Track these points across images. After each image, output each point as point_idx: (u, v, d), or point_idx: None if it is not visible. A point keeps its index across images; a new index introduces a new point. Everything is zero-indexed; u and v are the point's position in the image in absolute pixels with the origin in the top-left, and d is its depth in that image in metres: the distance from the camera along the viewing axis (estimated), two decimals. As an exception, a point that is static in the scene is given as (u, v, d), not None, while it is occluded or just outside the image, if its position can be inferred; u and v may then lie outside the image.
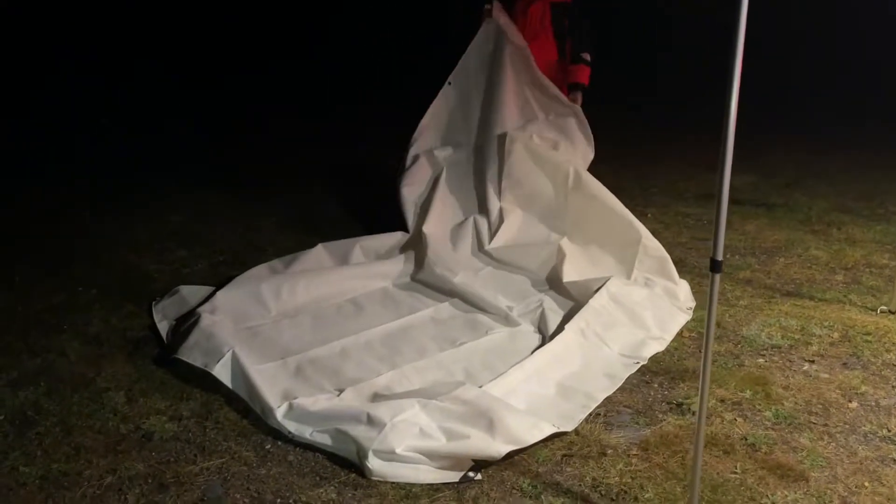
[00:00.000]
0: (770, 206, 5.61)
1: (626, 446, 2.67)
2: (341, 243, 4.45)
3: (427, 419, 2.61)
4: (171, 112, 8.54)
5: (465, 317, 3.71)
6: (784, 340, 3.46)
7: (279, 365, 3.19)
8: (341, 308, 3.84)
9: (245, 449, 2.66)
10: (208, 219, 5.28)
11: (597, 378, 3.10)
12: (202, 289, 3.98)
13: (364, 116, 8.51)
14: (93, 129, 7.81)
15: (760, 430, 2.75)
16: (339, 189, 5.99)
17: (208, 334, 3.26)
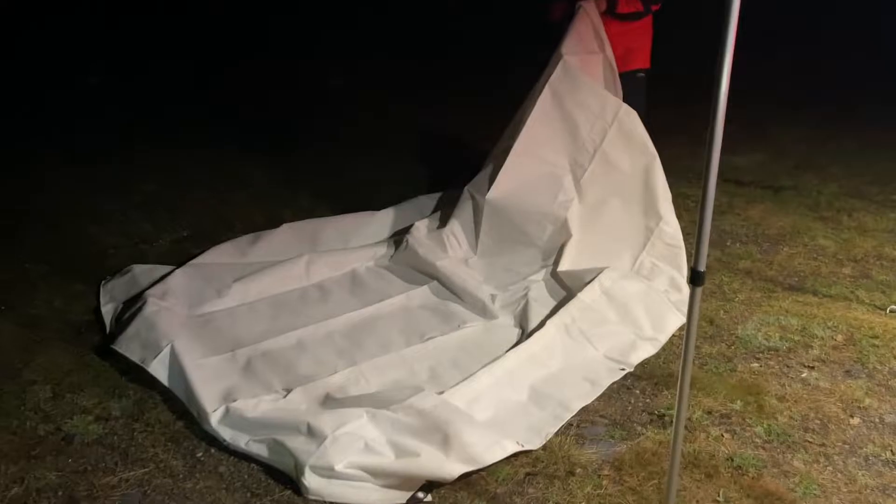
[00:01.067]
0: (777, 189, 5.25)
1: (598, 464, 2.40)
2: (309, 223, 4.16)
3: (375, 431, 2.34)
4: (160, 62, 8.19)
5: (439, 306, 3.42)
6: (782, 342, 3.16)
7: (227, 358, 2.92)
8: (305, 294, 3.56)
9: (173, 457, 2.40)
10: (179, 187, 4.99)
11: (576, 383, 2.80)
12: (157, 268, 3.70)
13: (369, 82, 8.15)
14: (75, 84, 7.50)
15: (749, 450, 2.47)
16: (327, 157, 5.68)
17: (150, 324, 2.99)
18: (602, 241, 3.67)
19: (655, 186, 3.59)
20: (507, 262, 3.77)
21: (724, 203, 4.89)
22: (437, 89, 7.87)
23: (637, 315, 3.19)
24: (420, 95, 7.64)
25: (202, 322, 3.22)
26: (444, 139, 6.34)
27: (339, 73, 8.31)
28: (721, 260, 4.03)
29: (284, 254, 3.93)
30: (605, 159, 3.70)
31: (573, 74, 3.77)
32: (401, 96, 7.56)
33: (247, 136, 6.13)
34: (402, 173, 5.40)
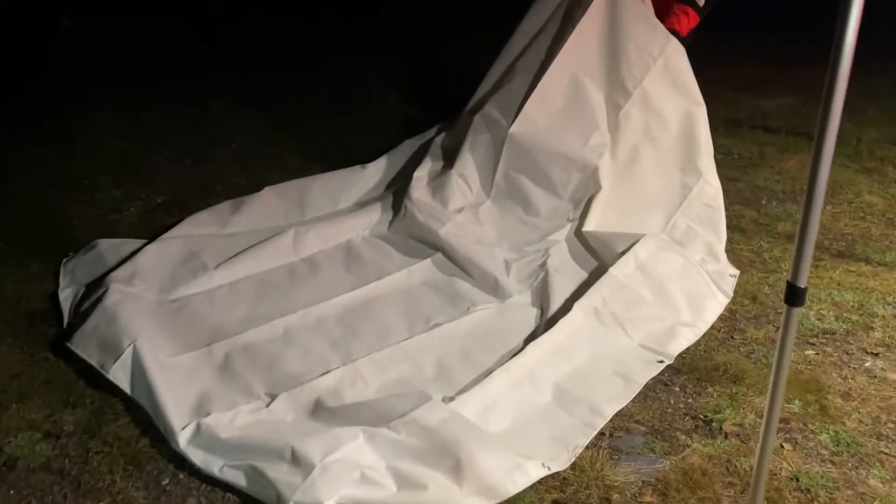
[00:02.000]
0: (812, 137, 4.75)
1: (638, 487, 2.02)
2: (293, 184, 3.71)
3: (373, 456, 1.95)
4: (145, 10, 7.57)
5: (444, 284, 2.99)
6: (839, 323, 2.76)
7: (202, 354, 2.52)
8: (294, 271, 3.13)
9: (134, 486, 2.02)
10: (154, 147, 4.50)
11: (607, 380, 2.40)
12: (126, 243, 3.27)
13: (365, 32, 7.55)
14: (48, 30, 6.91)
15: (816, 465, 2.09)
16: (313, 112, 5.17)
17: (110, 317, 2.58)
18: (632, 197, 3.24)
19: (698, 139, 3.14)
20: (523, 213, 3.35)
21: (754, 154, 4.44)
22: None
23: (674, 295, 2.76)
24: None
25: (175, 309, 2.81)
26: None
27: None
28: (758, 222, 3.60)
29: (269, 222, 3.50)
30: (645, 101, 3.25)
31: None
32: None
33: (227, 87, 5.61)
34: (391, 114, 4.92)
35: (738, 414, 2.28)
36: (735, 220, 3.51)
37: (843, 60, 1.21)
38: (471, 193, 3.44)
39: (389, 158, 4.00)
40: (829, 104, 1.23)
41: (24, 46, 6.45)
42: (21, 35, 6.67)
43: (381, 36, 7.07)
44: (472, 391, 2.23)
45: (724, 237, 3.14)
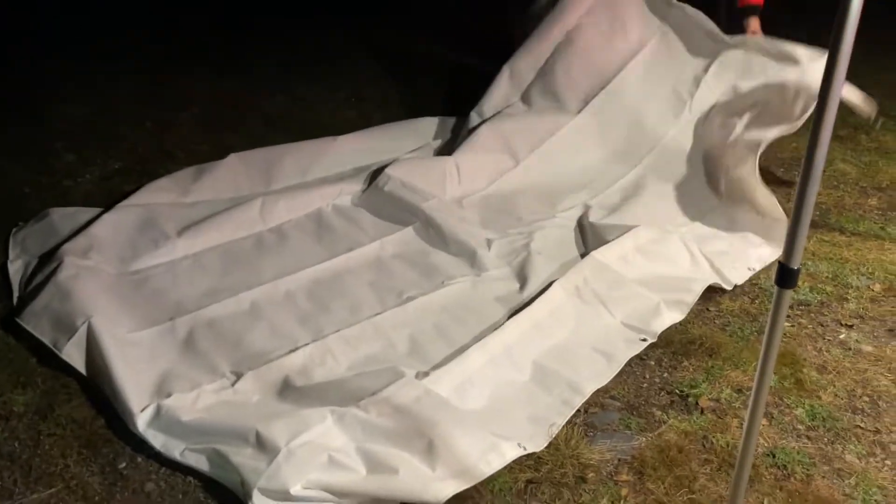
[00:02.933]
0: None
1: (614, 466, 1.98)
2: (260, 152, 3.57)
3: (342, 438, 1.87)
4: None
5: (418, 257, 2.89)
6: (814, 294, 2.73)
7: (164, 330, 2.41)
8: (261, 241, 3.01)
9: (89, 470, 1.92)
10: (112, 111, 4.31)
11: (588, 357, 2.32)
12: (81, 212, 3.12)
13: None
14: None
15: (792, 441, 2.06)
16: (280, 79, 4.98)
17: (64, 292, 2.44)
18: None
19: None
20: (510, 206, 3.30)
21: (729, 121, 4.37)
22: None
23: (662, 278, 2.68)
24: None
25: (137, 282, 2.68)
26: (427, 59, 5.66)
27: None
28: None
29: (233, 191, 3.36)
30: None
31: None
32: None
33: (189, 50, 5.38)
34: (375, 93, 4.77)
35: (714, 388, 2.24)
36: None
37: (843, 47, 1.12)
38: (458, 186, 3.35)
39: (363, 134, 3.88)
40: (826, 90, 1.15)
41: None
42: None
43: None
44: (448, 367, 2.16)
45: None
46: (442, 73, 5.12)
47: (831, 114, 1.19)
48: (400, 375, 2.08)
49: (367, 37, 5.91)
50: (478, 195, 3.33)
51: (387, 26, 6.15)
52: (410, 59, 5.47)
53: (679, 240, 2.87)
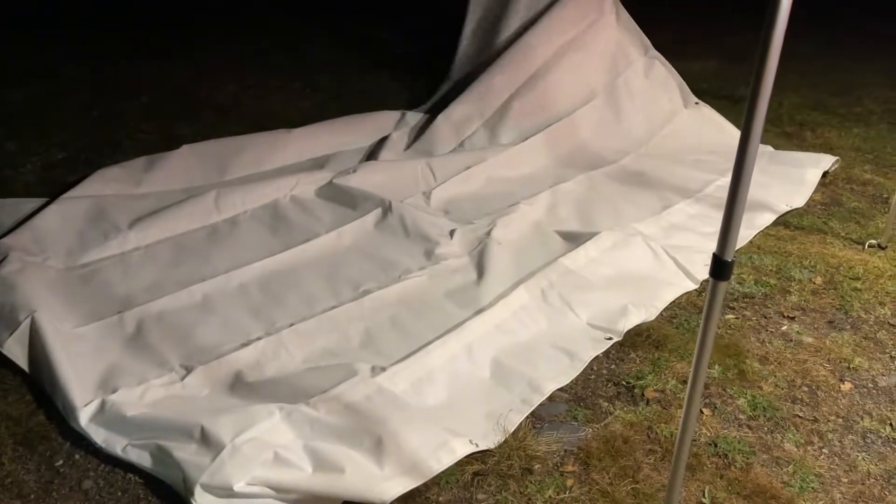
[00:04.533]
0: (736, 100, 4.82)
1: (560, 457, 1.99)
2: (213, 144, 3.51)
3: (289, 435, 1.85)
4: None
5: (373, 249, 2.89)
6: (758, 287, 2.79)
7: (111, 324, 2.36)
8: (215, 232, 2.97)
9: (24, 468, 1.87)
10: (58, 97, 4.19)
11: (551, 356, 2.32)
12: (23, 203, 3.04)
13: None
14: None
15: (734, 430, 2.11)
16: (238, 65, 4.89)
17: (8, 287, 2.39)
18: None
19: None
20: (475, 199, 3.33)
21: (681, 117, 4.43)
22: None
23: (629, 281, 2.69)
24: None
25: (84, 275, 2.63)
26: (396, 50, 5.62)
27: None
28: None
29: (186, 182, 3.32)
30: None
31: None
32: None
33: (137, 32, 5.26)
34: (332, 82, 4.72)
35: (660, 380, 2.28)
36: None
37: (773, 41, 1.14)
38: (434, 181, 3.38)
39: (318, 127, 3.84)
40: (758, 87, 1.17)
41: None
42: None
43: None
44: (406, 362, 2.15)
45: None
46: (400, 63, 5.09)
47: (762, 107, 1.19)
48: (353, 373, 2.06)
49: (321, 25, 5.84)
50: (444, 188, 3.34)
51: (342, 14, 6.09)
52: (367, 48, 5.44)
53: (642, 241, 2.90)
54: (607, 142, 3.95)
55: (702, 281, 2.78)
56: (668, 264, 2.82)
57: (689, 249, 2.93)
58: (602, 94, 4.04)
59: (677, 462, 1.59)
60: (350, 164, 3.53)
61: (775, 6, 1.12)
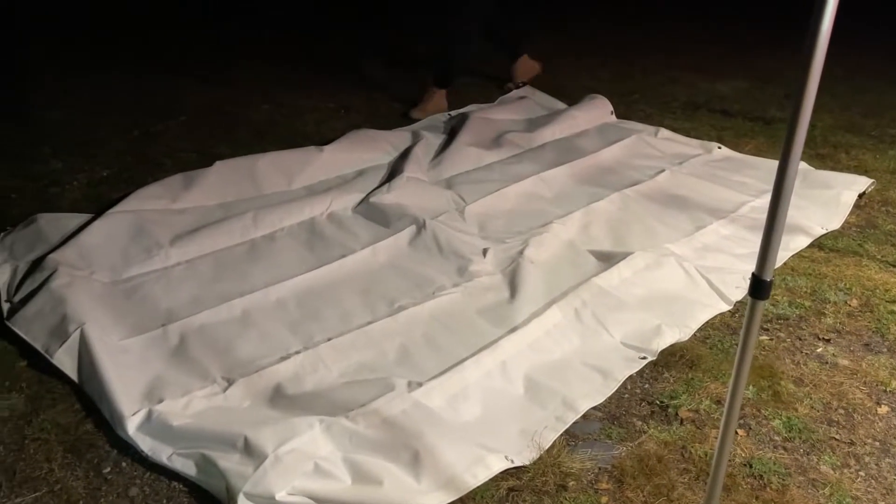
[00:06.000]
0: (768, 121, 4.82)
1: (595, 474, 2.01)
2: (245, 160, 3.60)
3: (329, 447, 1.89)
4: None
5: (408, 265, 2.92)
6: (792, 309, 2.79)
7: (156, 336, 2.42)
8: (254, 248, 3.03)
9: (73, 475, 1.93)
10: (100, 118, 4.32)
11: (585, 374, 2.32)
12: (68, 217, 3.13)
13: None
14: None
15: (769, 451, 2.11)
16: (273, 86, 5.00)
17: (58, 299, 2.46)
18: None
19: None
20: (509, 217, 3.36)
21: (713, 138, 4.45)
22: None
23: (663, 302, 2.70)
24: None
25: (128, 289, 2.70)
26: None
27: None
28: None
29: (221, 197, 3.40)
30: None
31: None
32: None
33: (177, 59, 5.40)
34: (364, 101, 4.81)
35: (694, 399, 2.29)
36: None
37: (815, 63, 1.17)
38: (463, 202, 3.42)
39: (346, 144, 3.92)
40: (800, 102, 1.20)
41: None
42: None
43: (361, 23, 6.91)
44: (441, 378, 2.18)
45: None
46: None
47: (803, 129, 1.22)
48: (390, 388, 2.10)
49: (355, 47, 5.96)
50: (478, 205, 3.38)
51: (376, 36, 6.20)
52: (401, 68, 5.53)
53: (675, 262, 2.91)
54: (642, 161, 3.97)
55: (735, 302, 2.78)
56: (702, 285, 2.82)
57: (722, 270, 2.93)
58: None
59: (714, 481, 1.61)
60: (378, 180, 3.61)
61: (816, 28, 1.14)
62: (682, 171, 3.87)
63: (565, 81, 5.37)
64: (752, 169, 3.94)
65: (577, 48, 6.38)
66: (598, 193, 3.54)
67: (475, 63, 4.91)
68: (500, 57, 5.07)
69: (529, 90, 5.08)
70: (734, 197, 3.57)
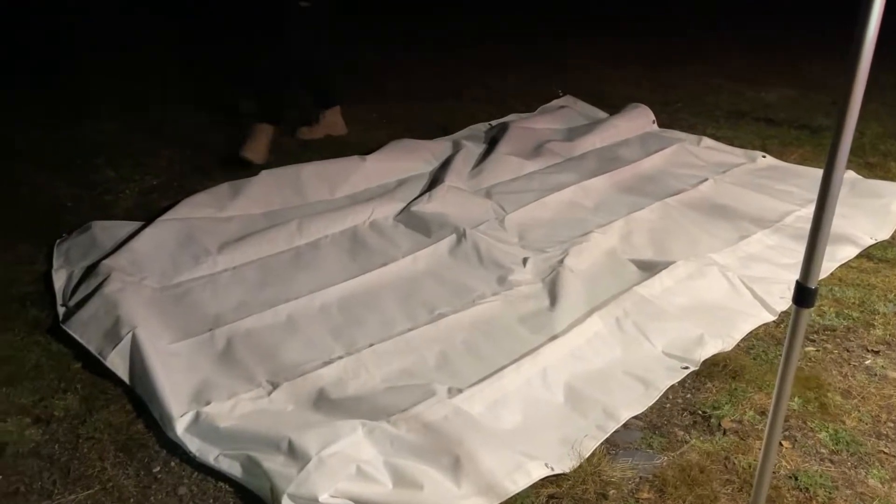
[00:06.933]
0: (814, 130, 4.74)
1: (635, 483, 2.00)
2: (289, 169, 3.68)
3: (371, 451, 1.92)
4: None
5: (450, 274, 2.95)
6: (840, 320, 2.74)
7: (204, 340, 2.49)
8: (298, 256, 3.09)
9: (124, 473, 1.99)
10: (150, 129, 4.45)
11: (626, 383, 2.32)
12: (121, 225, 3.24)
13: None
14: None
15: (815, 464, 2.07)
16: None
17: (110, 304, 2.55)
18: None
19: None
20: (549, 226, 3.37)
21: (757, 146, 4.40)
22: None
23: (705, 311, 2.68)
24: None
25: (177, 295, 2.78)
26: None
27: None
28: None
29: (266, 206, 3.48)
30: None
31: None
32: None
33: (220, 66, 5.53)
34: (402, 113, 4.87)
35: (738, 410, 2.26)
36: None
37: (861, 66, 1.16)
38: (503, 211, 3.44)
39: (388, 153, 3.98)
40: (846, 108, 1.19)
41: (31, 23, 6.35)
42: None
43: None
44: (482, 385, 2.20)
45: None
46: (473, 95, 5.22)
47: (848, 136, 1.21)
48: (431, 393, 2.13)
49: (397, 58, 6.03)
50: (518, 214, 3.40)
51: (417, 47, 6.27)
52: (441, 79, 5.58)
53: (718, 271, 2.88)
54: (684, 170, 3.95)
55: (780, 312, 2.74)
56: (746, 295, 2.79)
57: (766, 280, 2.89)
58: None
59: (757, 493, 1.59)
60: (419, 189, 3.66)
61: (862, 33, 1.14)
62: (725, 179, 3.83)
63: (607, 90, 5.37)
64: (798, 178, 3.88)
65: (619, 56, 6.37)
66: (640, 202, 3.53)
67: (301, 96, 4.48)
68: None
69: (571, 99, 5.09)
70: (779, 206, 3.52)
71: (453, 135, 4.43)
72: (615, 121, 4.54)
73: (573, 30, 7.21)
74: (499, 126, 4.51)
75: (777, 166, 4.09)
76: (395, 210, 3.43)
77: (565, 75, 5.73)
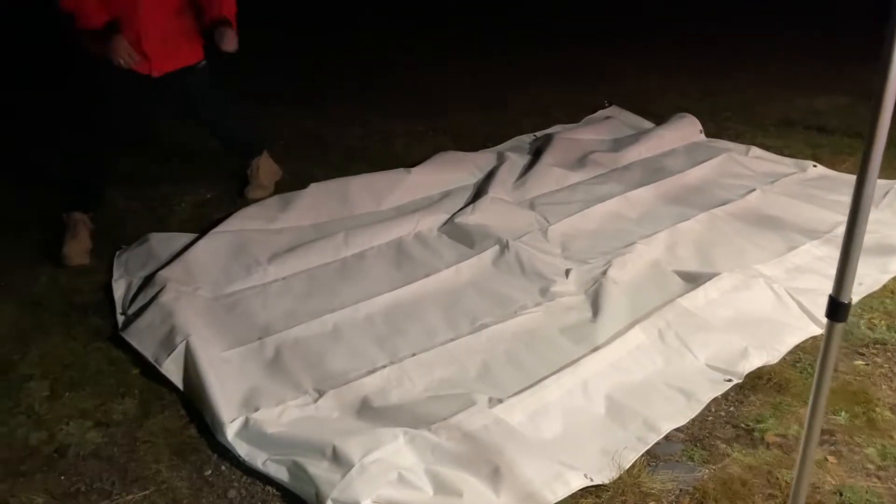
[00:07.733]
0: (867, 138, 4.62)
1: (676, 496, 2.00)
2: (337, 182, 3.78)
3: (412, 458, 1.97)
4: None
5: (492, 285, 2.98)
6: (891, 333, 2.68)
7: (254, 348, 2.58)
8: (345, 266, 3.17)
9: (178, 476, 2.08)
10: (202, 143, 4.58)
11: (668, 395, 2.32)
12: (176, 237, 3.37)
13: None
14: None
15: (861, 480, 2.04)
16: (364, 110, 5.21)
17: (167, 313, 2.66)
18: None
19: None
20: (591, 237, 3.38)
21: (807, 156, 4.32)
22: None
23: (750, 323, 2.66)
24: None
25: (229, 304, 2.88)
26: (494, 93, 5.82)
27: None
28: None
29: (315, 218, 3.57)
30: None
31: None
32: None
33: (270, 85, 5.69)
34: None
35: (782, 424, 2.24)
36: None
37: (892, 72, 1.17)
38: (546, 222, 3.47)
39: (433, 166, 4.05)
40: (877, 111, 1.19)
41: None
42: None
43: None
44: (522, 395, 2.23)
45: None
46: (518, 106, 5.26)
47: (880, 143, 1.21)
48: (471, 403, 2.17)
49: (442, 69, 6.10)
50: (561, 225, 3.42)
51: (462, 57, 6.34)
52: (486, 90, 5.64)
53: (764, 283, 2.85)
54: (731, 180, 3.91)
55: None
56: (792, 307, 2.76)
57: (814, 292, 2.85)
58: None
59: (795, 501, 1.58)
60: (463, 201, 3.71)
61: (893, 33, 1.14)
62: (773, 190, 3.78)
63: (653, 99, 5.34)
64: (849, 187, 3.75)
65: (665, 64, 6.33)
66: (685, 213, 3.51)
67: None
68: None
69: (616, 110, 5.08)
70: (829, 217, 3.46)
71: (498, 146, 4.48)
72: (661, 131, 4.52)
73: (619, 38, 7.19)
74: (543, 137, 4.54)
75: (828, 176, 4.01)
76: (440, 221, 3.48)
77: (610, 85, 5.72)
